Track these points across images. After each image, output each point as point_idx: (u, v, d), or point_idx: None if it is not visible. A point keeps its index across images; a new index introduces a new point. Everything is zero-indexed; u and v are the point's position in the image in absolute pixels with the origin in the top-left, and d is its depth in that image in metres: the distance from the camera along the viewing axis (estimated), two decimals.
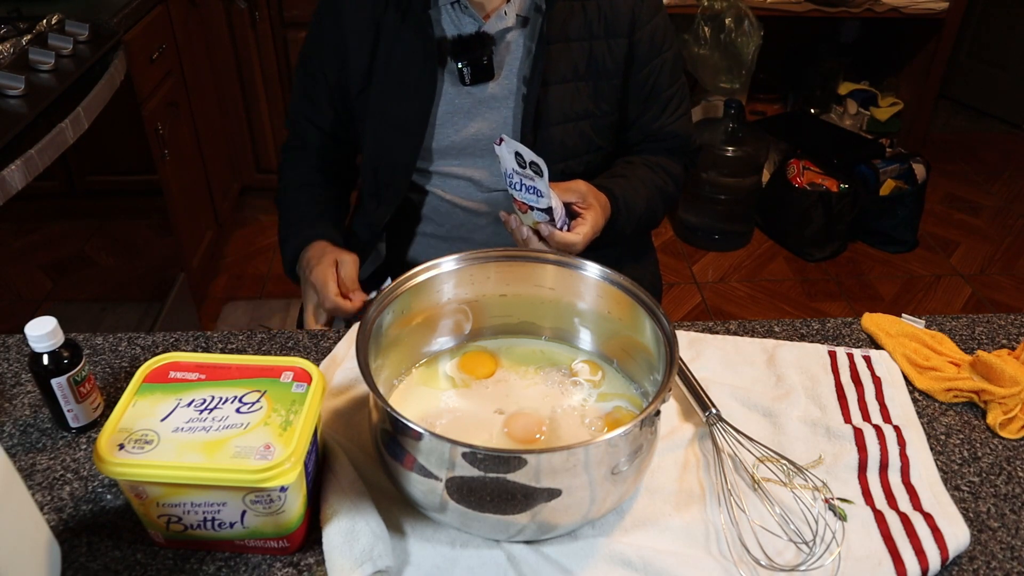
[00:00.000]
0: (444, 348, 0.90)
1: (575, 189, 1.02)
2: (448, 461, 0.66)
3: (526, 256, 0.87)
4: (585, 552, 0.72)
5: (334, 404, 0.87)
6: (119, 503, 0.76)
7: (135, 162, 1.96)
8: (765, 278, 2.69)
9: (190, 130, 2.34)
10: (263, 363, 0.74)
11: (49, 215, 1.59)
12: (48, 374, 0.79)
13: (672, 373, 0.71)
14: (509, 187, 0.96)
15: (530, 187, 0.93)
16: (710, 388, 0.88)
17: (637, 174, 1.16)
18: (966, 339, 1.00)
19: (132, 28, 1.91)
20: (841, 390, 0.91)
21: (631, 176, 1.15)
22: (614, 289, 0.84)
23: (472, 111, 1.12)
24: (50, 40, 1.57)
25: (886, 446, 0.83)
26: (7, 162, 1.32)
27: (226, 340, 0.96)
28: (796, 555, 0.72)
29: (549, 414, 0.82)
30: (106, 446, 0.65)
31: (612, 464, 0.68)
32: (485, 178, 1.15)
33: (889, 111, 3.17)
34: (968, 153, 3.50)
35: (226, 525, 0.69)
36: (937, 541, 0.72)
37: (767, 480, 0.79)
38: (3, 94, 1.40)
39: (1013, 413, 0.87)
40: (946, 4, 2.86)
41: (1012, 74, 3.63)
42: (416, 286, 0.83)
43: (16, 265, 1.48)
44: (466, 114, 1.12)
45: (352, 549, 0.67)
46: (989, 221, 3.03)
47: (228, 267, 2.67)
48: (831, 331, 1.01)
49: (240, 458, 0.64)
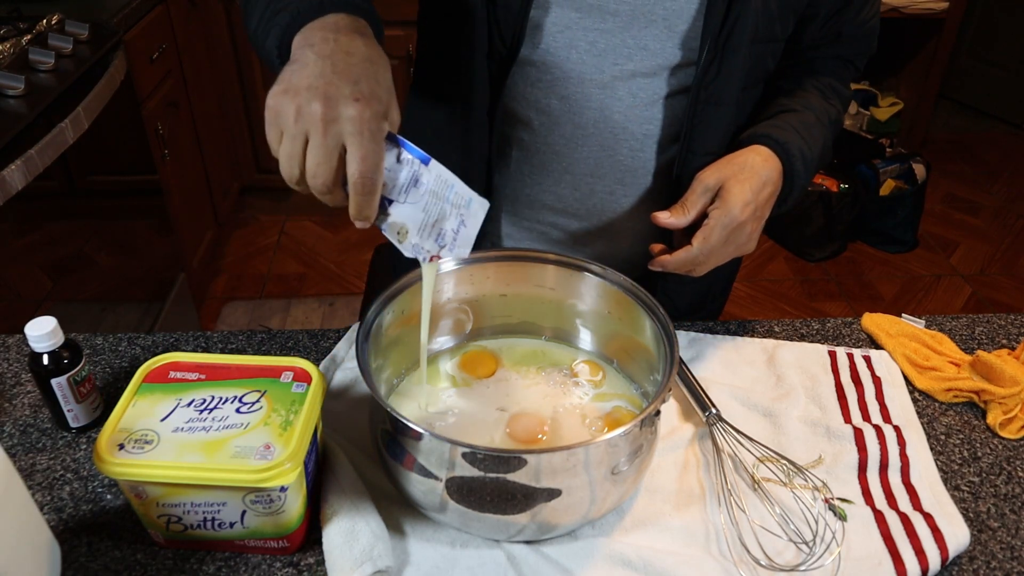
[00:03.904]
0: (444, 348, 0.90)
1: (699, 186, 0.83)
2: (448, 461, 0.66)
3: (526, 256, 0.87)
4: (585, 552, 0.72)
5: (334, 404, 0.87)
6: (119, 503, 0.76)
7: (135, 162, 1.96)
8: (765, 278, 2.69)
9: (190, 130, 2.34)
10: (263, 363, 0.74)
11: (49, 215, 1.59)
12: (48, 374, 0.78)
13: (672, 373, 0.71)
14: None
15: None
16: (710, 388, 0.88)
17: (810, 103, 0.93)
18: (966, 339, 1.00)
19: (132, 28, 1.91)
20: (841, 390, 0.91)
21: (803, 110, 0.92)
22: (614, 289, 0.84)
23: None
24: (50, 40, 1.57)
25: (886, 446, 0.83)
26: (7, 162, 1.32)
27: (226, 340, 0.96)
28: (796, 555, 0.72)
29: (550, 414, 0.82)
30: (106, 446, 0.65)
31: (612, 464, 0.68)
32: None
33: (889, 111, 3.17)
34: (968, 153, 3.50)
35: (226, 525, 0.69)
36: (937, 541, 0.72)
37: (767, 480, 0.79)
38: (3, 94, 1.40)
39: (1013, 413, 0.87)
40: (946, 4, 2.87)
41: (1012, 74, 3.63)
42: (416, 286, 0.83)
43: (16, 265, 1.48)
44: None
45: (352, 549, 0.67)
46: (989, 221, 3.03)
47: (228, 267, 2.67)
48: (831, 331, 1.01)
49: (240, 458, 0.64)
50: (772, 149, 0.87)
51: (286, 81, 0.62)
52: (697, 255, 0.83)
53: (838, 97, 0.99)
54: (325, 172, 0.60)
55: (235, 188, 2.80)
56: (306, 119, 0.59)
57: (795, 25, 0.92)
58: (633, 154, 0.93)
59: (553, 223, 1.00)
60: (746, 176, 0.83)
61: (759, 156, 0.86)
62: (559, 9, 0.84)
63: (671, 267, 0.84)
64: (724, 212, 0.82)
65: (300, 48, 0.64)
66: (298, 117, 0.60)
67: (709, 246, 0.83)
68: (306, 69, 0.62)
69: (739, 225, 0.82)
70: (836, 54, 1.00)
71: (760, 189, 0.84)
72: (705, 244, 0.82)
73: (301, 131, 0.60)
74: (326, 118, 0.59)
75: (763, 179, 0.84)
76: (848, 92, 1.02)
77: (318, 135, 0.59)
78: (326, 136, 0.59)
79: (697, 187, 0.84)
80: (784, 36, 0.92)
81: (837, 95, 0.99)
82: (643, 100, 0.89)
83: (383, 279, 1.15)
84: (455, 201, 0.69)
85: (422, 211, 0.67)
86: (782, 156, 0.87)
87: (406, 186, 0.65)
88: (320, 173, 0.60)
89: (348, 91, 0.60)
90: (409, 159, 0.65)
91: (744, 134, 0.91)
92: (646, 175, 0.94)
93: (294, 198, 2.93)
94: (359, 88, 0.61)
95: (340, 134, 0.60)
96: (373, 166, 0.60)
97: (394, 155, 0.64)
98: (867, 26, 0.98)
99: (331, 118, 0.59)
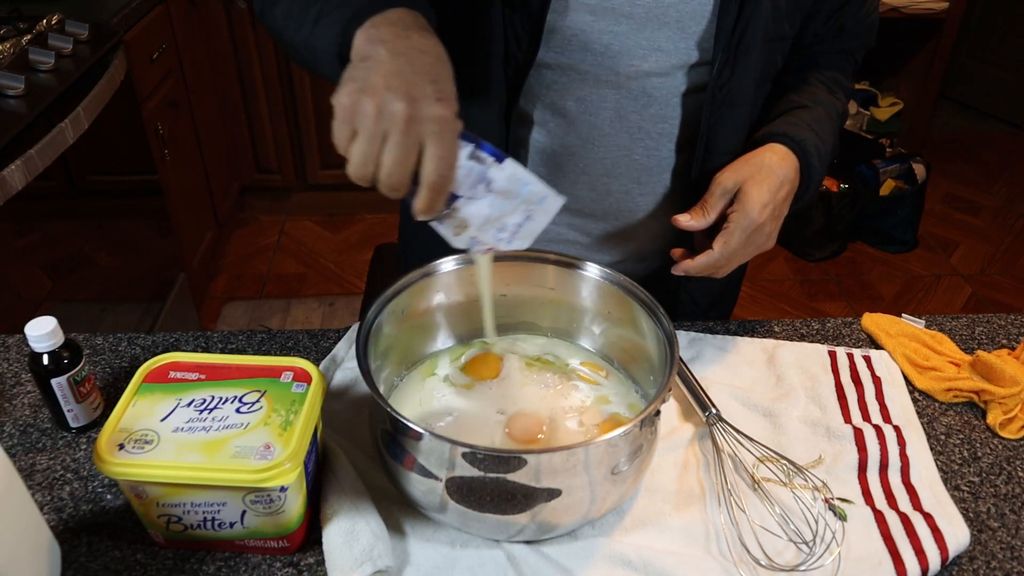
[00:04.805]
0: (444, 348, 0.90)
1: (718, 189, 0.84)
2: (448, 461, 0.66)
3: (526, 256, 0.87)
4: (585, 552, 0.72)
5: (334, 404, 0.87)
6: (119, 503, 0.76)
7: (135, 162, 1.97)
8: (765, 278, 2.69)
9: (190, 130, 2.34)
10: (263, 363, 0.74)
11: (49, 215, 1.59)
12: (48, 374, 0.78)
13: (672, 373, 0.71)
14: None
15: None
16: (710, 388, 0.88)
17: (819, 98, 0.94)
18: (966, 339, 1.00)
19: (132, 28, 1.91)
20: (841, 390, 0.91)
21: (813, 106, 0.93)
22: (614, 289, 0.84)
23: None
24: (50, 40, 1.57)
25: (886, 446, 0.83)
26: (7, 162, 1.32)
27: (226, 340, 0.96)
28: (796, 555, 0.72)
29: (549, 414, 0.82)
30: (106, 446, 0.65)
31: (612, 464, 0.68)
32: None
33: (889, 111, 3.17)
34: (968, 153, 3.50)
35: (226, 525, 0.69)
36: (937, 541, 0.72)
37: (767, 480, 0.79)
38: (3, 94, 1.40)
39: (1013, 413, 0.87)
40: (946, 4, 2.87)
41: (1012, 74, 3.63)
42: (416, 286, 0.83)
43: (16, 265, 1.48)
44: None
45: (352, 549, 0.67)
46: (989, 221, 3.03)
47: (228, 267, 2.67)
48: (831, 331, 1.01)
49: (240, 458, 0.64)
50: (788, 147, 0.87)
51: (361, 79, 0.60)
52: (719, 259, 0.84)
53: (842, 90, 1.00)
54: (403, 172, 0.59)
55: (235, 188, 2.80)
56: (387, 119, 0.58)
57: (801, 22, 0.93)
58: (648, 153, 0.93)
59: (570, 223, 1.01)
60: (763, 177, 0.84)
61: (776, 155, 0.86)
62: (575, 13, 0.85)
63: (694, 272, 0.86)
64: (743, 215, 0.83)
65: (369, 44, 0.63)
66: (379, 117, 0.58)
67: (730, 249, 0.84)
68: (381, 66, 0.60)
69: (758, 227, 0.84)
70: (838, 48, 1.01)
71: (778, 189, 0.85)
72: (726, 248, 0.84)
73: (381, 131, 0.59)
74: (410, 118, 0.58)
75: (780, 178, 0.85)
76: (850, 84, 1.03)
77: (399, 134, 0.58)
78: (408, 136, 0.58)
79: (716, 189, 0.85)
80: (792, 34, 0.93)
81: (841, 88, 1.00)
82: (658, 100, 0.90)
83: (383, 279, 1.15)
84: (527, 198, 0.68)
85: (488, 207, 0.67)
86: (799, 154, 0.88)
87: (475, 183, 0.65)
88: (397, 172, 0.59)
89: (430, 91, 0.59)
90: (482, 156, 0.65)
91: (759, 133, 0.91)
92: (661, 174, 0.95)
93: (294, 198, 2.94)
94: (440, 88, 0.60)
95: (422, 134, 0.59)
96: (450, 165, 0.60)
97: (466, 152, 0.64)
98: (868, 19, 0.99)
99: (415, 118, 0.58)
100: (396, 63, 0.60)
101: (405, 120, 0.58)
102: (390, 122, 0.58)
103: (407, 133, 0.58)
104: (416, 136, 0.59)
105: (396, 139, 0.58)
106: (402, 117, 0.58)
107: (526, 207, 0.68)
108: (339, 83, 0.62)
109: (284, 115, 2.70)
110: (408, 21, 0.65)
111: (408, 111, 0.58)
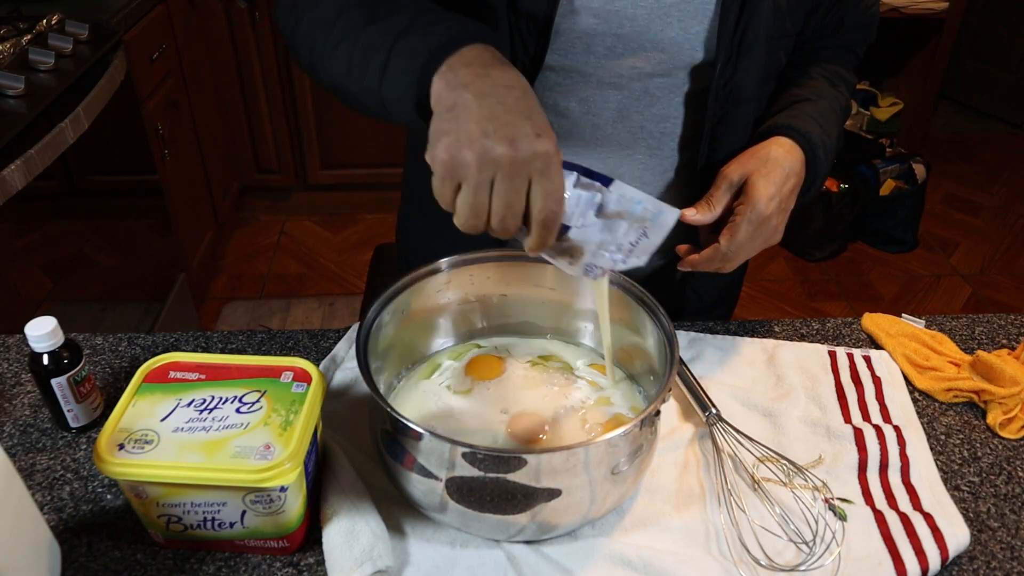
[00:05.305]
0: (444, 348, 0.90)
1: (724, 182, 0.84)
2: (448, 461, 0.66)
3: (526, 256, 0.87)
4: (585, 552, 0.72)
5: (334, 404, 0.87)
6: (119, 503, 0.76)
7: (135, 162, 1.97)
8: (765, 278, 2.69)
9: (190, 130, 2.34)
10: (263, 363, 0.74)
11: (49, 215, 1.59)
12: (48, 374, 0.78)
13: (672, 373, 0.71)
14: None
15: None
16: (710, 388, 0.88)
17: (822, 92, 0.94)
18: (966, 339, 1.00)
19: (132, 28, 1.91)
20: (841, 390, 0.91)
21: (817, 99, 0.92)
22: (614, 289, 0.83)
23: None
24: (50, 40, 1.57)
25: (886, 446, 0.83)
26: (7, 162, 1.32)
27: (226, 340, 0.96)
28: (796, 555, 0.72)
29: (550, 414, 0.82)
30: (106, 446, 0.65)
31: (612, 464, 0.68)
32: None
33: (889, 111, 3.17)
34: (968, 153, 3.50)
35: (226, 525, 0.69)
36: (937, 541, 0.72)
37: (767, 480, 0.79)
38: (3, 94, 1.40)
39: (1013, 413, 0.87)
40: (946, 4, 2.87)
41: (1012, 74, 3.63)
42: (416, 286, 0.83)
43: (16, 265, 1.48)
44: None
45: (352, 549, 0.67)
46: (989, 221, 3.03)
47: (228, 267, 2.67)
48: (831, 331, 1.01)
49: (240, 458, 0.64)
50: (794, 140, 0.87)
51: (452, 132, 0.58)
52: (725, 252, 0.84)
53: (844, 83, 1.00)
54: (515, 215, 0.58)
55: (235, 188, 2.80)
56: (491, 165, 0.57)
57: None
58: (651, 153, 0.93)
59: None
60: (769, 169, 0.84)
61: (781, 148, 0.86)
62: (579, 16, 0.85)
63: (700, 266, 0.85)
64: (750, 208, 0.82)
65: (452, 91, 0.60)
66: (482, 166, 0.57)
67: (736, 243, 0.83)
68: (471, 113, 0.58)
69: (765, 219, 0.83)
70: (838, 43, 1.01)
71: (784, 182, 0.85)
72: (732, 241, 0.83)
73: (487, 179, 0.57)
74: (513, 161, 0.56)
75: (786, 171, 0.85)
76: (852, 78, 1.02)
77: (505, 179, 0.57)
78: (514, 179, 0.57)
79: (722, 183, 0.85)
80: (795, 31, 0.93)
81: (843, 81, 1.00)
82: (660, 100, 0.90)
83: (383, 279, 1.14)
84: (640, 216, 0.65)
85: (600, 232, 0.65)
86: (804, 146, 0.87)
87: (585, 210, 0.64)
88: (509, 216, 0.58)
89: (528, 128, 0.57)
90: (588, 183, 0.64)
91: (763, 126, 0.91)
92: (665, 173, 0.95)
93: (294, 198, 2.94)
94: (536, 123, 0.58)
95: (528, 173, 0.57)
96: (558, 200, 0.59)
97: (571, 181, 0.63)
98: (868, 14, 0.99)
99: (518, 160, 0.57)
100: (486, 106, 0.58)
101: (509, 163, 0.56)
102: (495, 168, 0.57)
103: (513, 176, 0.57)
104: (523, 177, 0.57)
105: (503, 184, 0.57)
106: (507, 161, 0.56)
107: (639, 225, 0.65)
108: (430, 139, 0.59)
109: (284, 115, 2.70)
110: (485, 58, 0.62)
111: (511, 154, 0.56)
